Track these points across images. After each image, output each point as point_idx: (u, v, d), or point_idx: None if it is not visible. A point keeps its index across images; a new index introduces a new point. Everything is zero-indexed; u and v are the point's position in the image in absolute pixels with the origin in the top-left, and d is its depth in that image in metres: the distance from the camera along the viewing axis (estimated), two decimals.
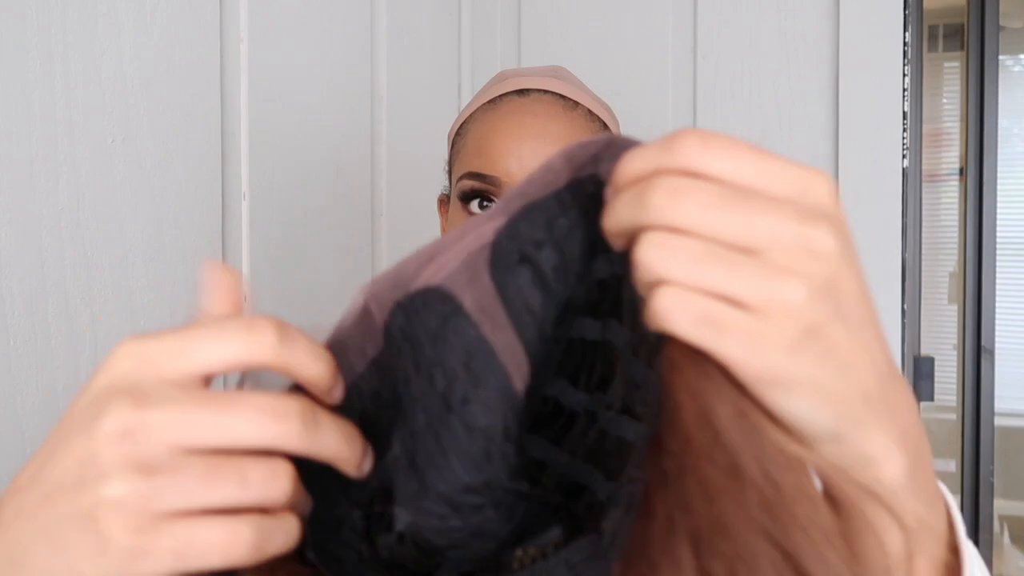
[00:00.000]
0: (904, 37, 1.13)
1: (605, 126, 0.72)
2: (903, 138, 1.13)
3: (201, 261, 0.85)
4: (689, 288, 0.27)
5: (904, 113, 1.13)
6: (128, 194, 0.76)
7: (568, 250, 0.30)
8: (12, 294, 0.67)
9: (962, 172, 1.83)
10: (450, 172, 0.75)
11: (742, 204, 0.27)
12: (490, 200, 0.68)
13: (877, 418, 0.30)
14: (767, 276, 0.27)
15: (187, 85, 0.82)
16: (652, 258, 0.27)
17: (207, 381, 0.32)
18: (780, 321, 0.27)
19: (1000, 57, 1.73)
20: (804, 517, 0.27)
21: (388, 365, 0.31)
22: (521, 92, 0.70)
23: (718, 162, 0.27)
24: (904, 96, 1.13)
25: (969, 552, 0.36)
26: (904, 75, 1.13)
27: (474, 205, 0.68)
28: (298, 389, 0.32)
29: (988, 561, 1.75)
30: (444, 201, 0.79)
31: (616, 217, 0.29)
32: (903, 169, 1.13)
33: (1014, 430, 2.59)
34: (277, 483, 0.29)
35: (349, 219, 1.08)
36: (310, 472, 0.30)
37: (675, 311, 0.27)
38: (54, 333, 0.70)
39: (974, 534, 1.74)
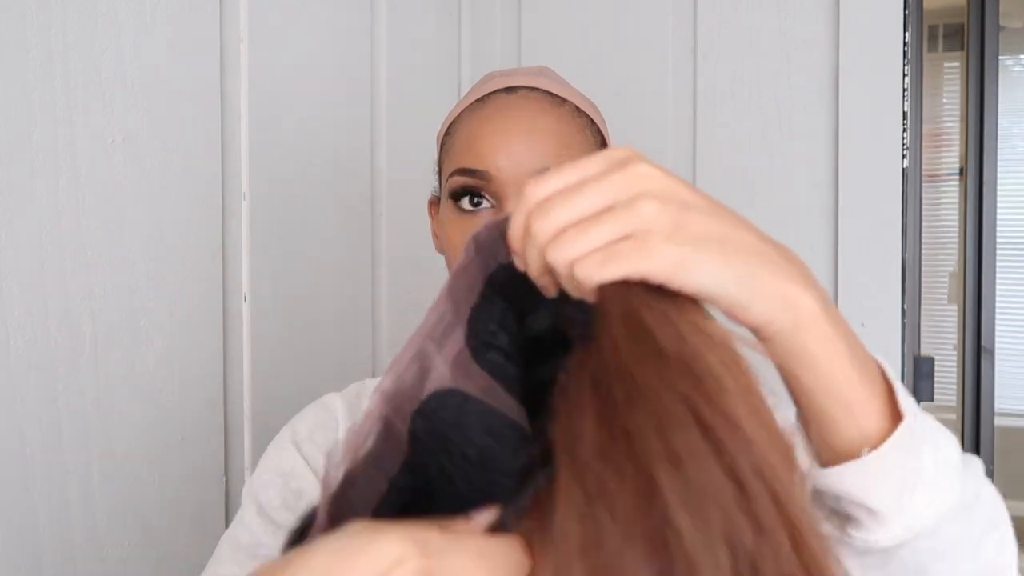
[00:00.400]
0: (904, 37, 1.13)
1: (592, 122, 0.72)
2: (903, 138, 1.13)
3: (201, 261, 0.85)
4: (588, 254, 0.37)
5: (904, 113, 1.13)
6: (128, 194, 0.76)
7: (509, 323, 0.41)
8: (12, 294, 0.67)
9: (962, 172, 1.83)
10: (440, 173, 0.76)
11: (579, 190, 0.38)
12: (480, 196, 0.68)
13: (775, 263, 0.39)
14: (624, 212, 0.37)
15: (187, 85, 0.82)
16: (556, 257, 0.37)
17: None
18: (652, 230, 0.36)
19: (1000, 57, 1.74)
20: (714, 383, 0.34)
21: (417, 463, 0.39)
22: (508, 90, 0.70)
23: (551, 185, 0.39)
24: (904, 96, 1.13)
25: (903, 392, 0.43)
26: (904, 75, 1.13)
27: (465, 202, 0.68)
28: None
29: None
30: (435, 203, 0.79)
31: (531, 265, 0.39)
32: (903, 169, 1.13)
33: (1014, 430, 2.59)
34: None
35: (349, 219, 1.08)
36: None
37: (589, 271, 0.37)
38: (54, 333, 0.70)
39: None
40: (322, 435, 0.71)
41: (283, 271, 0.95)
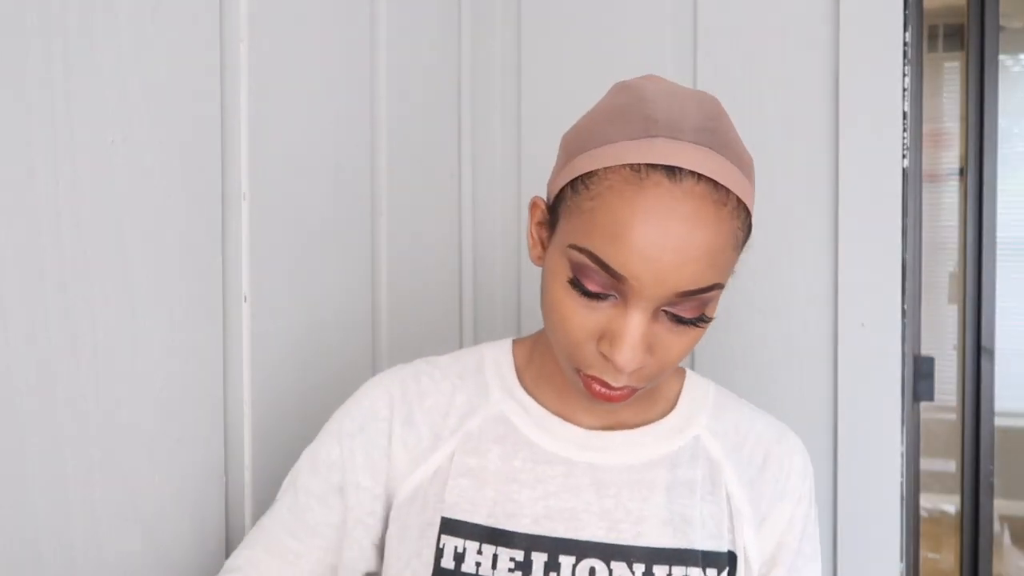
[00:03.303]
0: (904, 37, 1.13)
1: (747, 213, 0.68)
2: (903, 138, 1.13)
3: (201, 261, 0.85)
4: None
5: (904, 113, 1.13)
6: (128, 194, 0.76)
7: None
8: (12, 294, 0.67)
9: (962, 172, 1.83)
10: (559, 191, 0.69)
11: None
12: (600, 295, 0.64)
13: None
14: None
15: (187, 85, 0.82)
16: None
17: None
18: None
19: (1000, 57, 1.74)
20: None
21: None
22: (671, 172, 0.63)
23: None
24: (904, 96, 1.13)
25: None
26: (904, 75, 1.13)
27: (589, 285, 0.65)
28: None
29: (988, 561, 1.75)
30: (539, 205, 0.73)
31: None
32: (903, 169, 1.13)
33: (1014, 430, 2.58)
34: None
35: (349, 219, 1.08)
36: None
37: None
38: (54, 333, 0.70)
39: (974, 534, 1.74)
40: (373, 426, 0.76)
41: (283, 271, 0.95)
